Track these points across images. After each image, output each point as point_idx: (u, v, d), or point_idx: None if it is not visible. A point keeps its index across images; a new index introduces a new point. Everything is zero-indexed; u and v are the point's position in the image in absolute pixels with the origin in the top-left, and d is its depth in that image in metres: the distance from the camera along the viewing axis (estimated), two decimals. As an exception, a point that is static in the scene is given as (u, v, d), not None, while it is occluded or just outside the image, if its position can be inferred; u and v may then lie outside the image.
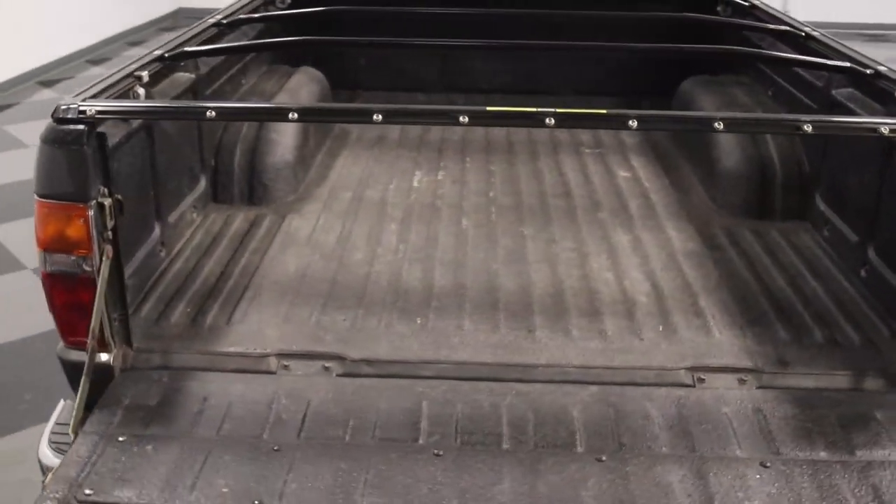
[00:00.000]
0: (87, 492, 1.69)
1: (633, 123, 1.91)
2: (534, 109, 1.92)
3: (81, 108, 1.94)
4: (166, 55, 2.46)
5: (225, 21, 2.96)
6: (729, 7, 3.72)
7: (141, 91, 2.28)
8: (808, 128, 1.91)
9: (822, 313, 2.35)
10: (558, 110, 1.92)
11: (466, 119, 1.92)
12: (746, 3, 3.53)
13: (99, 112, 1.95)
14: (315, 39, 3.44)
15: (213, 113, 1.95)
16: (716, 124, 1.92)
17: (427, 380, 2.08)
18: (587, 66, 4.08)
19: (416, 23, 3.75)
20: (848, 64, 2.54)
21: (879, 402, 2.02)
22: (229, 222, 2.83)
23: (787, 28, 3.01)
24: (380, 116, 1.91)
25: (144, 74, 2.28)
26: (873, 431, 1.90)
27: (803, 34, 2.91)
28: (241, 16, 3.06)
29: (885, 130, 1.91)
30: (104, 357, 2.09)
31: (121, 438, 1.85)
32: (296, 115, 1.95)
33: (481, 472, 1.77)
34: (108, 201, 2.01)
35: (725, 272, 2.56)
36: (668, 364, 2.13)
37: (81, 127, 1.94)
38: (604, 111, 1.95)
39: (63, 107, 1.95)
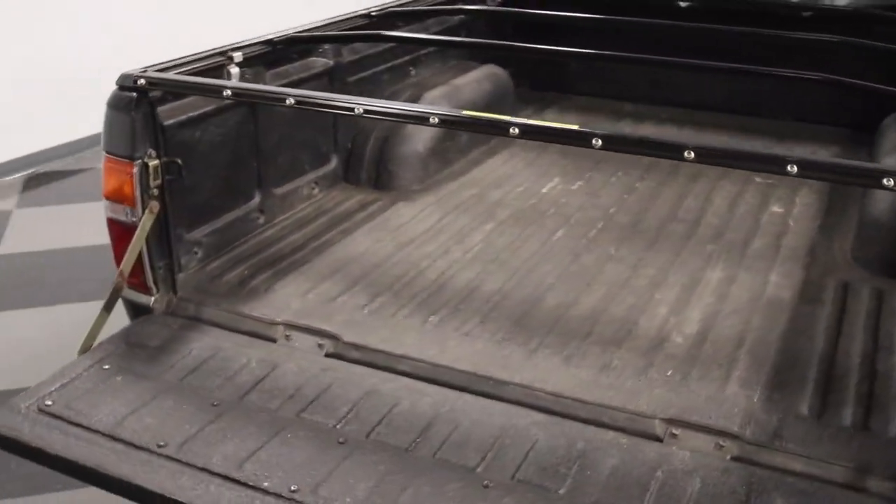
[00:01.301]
0: (48, 402, 1.97)
1: (598, 143, 1.78)
2: (500, 118, 1.87)
3: (135, 77, 2.22)
4: (275, 39, 2.69)
5: (375, 14, 3.13)
6: None
7: (234, 70, 2.53)
8: (792, 168, 1.65)
9: (876, 394, 1.99)
10: (525, 121, 1.85)
11: (437, 120, 1.92)
12: None
13: (149, 82, 2.22)
14: (457, 41, 3.42)
15: (229, 92, 2.13)
16: (686, 153, 1.73)
17: (395, 374, 2.10)
18: (809, 93, 3.69)
19: (625, 30, 3.64)
20: None
21: None
22: (342, 202, 3.01)
23: None
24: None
25: (237, 55, 2.52)
26: None
27: None
28: (393, 8, 3.21)
29: (889, 183, 1.59)
30: (147, 299, 2.39)
31: (105, 367, 2.11)
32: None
33: (363, 466, 1.78)
34: (153, 162, 2.28)
35: (798, 329, 2.26)
36: (647, 411, 1.95)
37: (133, 94, 2.23)
38: (573, 127, 1.83)
39: (125, 75, 2.25)
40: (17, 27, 5.49)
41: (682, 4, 3.66)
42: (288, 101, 2.07)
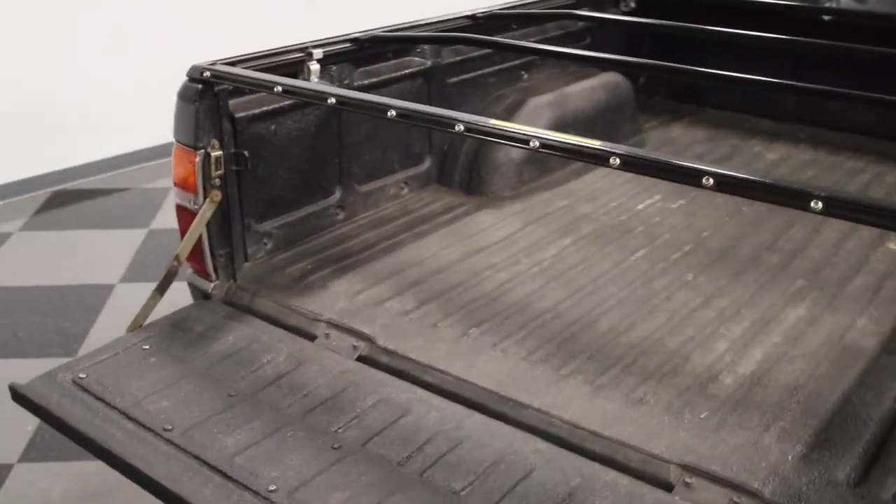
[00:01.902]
0: (82, 375, 2.07)
1: (616, 161, 1.66)
2: (520, 128, 1.78)
3: (202, 70, 2.29)
4: (362, 37, 2.69)
5: (481, 15, 3.07)
6: None
7: (314, 67, 2.55)
8: (816, 204, 1.47)
9: None
10: (545, 134, 1.75)
11: (462, 128, 1.85)
12: None
13: (213, 75, 2.27)
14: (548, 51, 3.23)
15: (279, 88, 2.15)
16: (705, 179, 1.58)
17: (413, 384, 2.05)
18: None
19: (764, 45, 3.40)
20: None
21: None
22: (428, 204, 2.98)
23: None
24: None
25: (317, 52, 2.54)
26: None
27: None
28: (496, 10, 3.13)
29: None
30: (207, 285, 2.46)
31: (145, 347, 2.19)
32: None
33: (347, 475, 1.75)
34: (216, 153, 2.33)
35: (867, 382, 2.02)
36: (665, 454, 1.80)
37: (199, 86, 2.29)
38: (593, 143, 1.71)
39: (194, 67, 2.32)
40: (196, 23, 5.83)
41: (826, 18, 3.38)
42: (329, 101, 2.07)
